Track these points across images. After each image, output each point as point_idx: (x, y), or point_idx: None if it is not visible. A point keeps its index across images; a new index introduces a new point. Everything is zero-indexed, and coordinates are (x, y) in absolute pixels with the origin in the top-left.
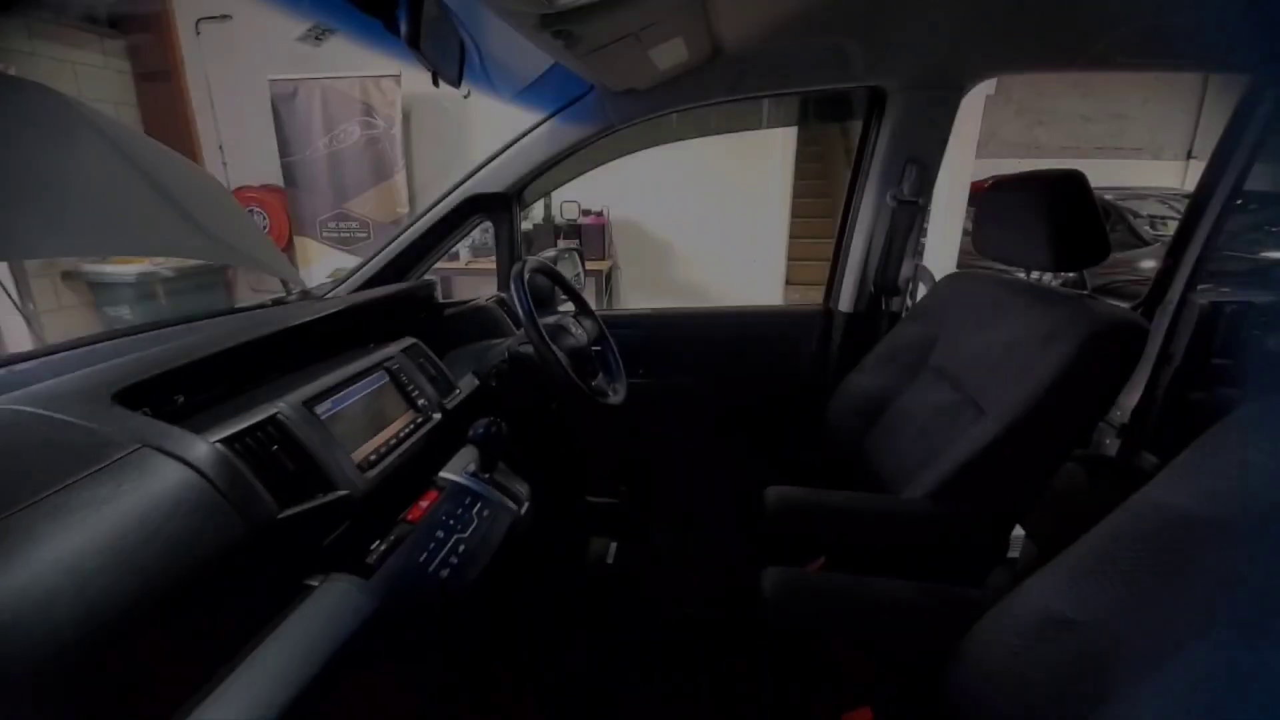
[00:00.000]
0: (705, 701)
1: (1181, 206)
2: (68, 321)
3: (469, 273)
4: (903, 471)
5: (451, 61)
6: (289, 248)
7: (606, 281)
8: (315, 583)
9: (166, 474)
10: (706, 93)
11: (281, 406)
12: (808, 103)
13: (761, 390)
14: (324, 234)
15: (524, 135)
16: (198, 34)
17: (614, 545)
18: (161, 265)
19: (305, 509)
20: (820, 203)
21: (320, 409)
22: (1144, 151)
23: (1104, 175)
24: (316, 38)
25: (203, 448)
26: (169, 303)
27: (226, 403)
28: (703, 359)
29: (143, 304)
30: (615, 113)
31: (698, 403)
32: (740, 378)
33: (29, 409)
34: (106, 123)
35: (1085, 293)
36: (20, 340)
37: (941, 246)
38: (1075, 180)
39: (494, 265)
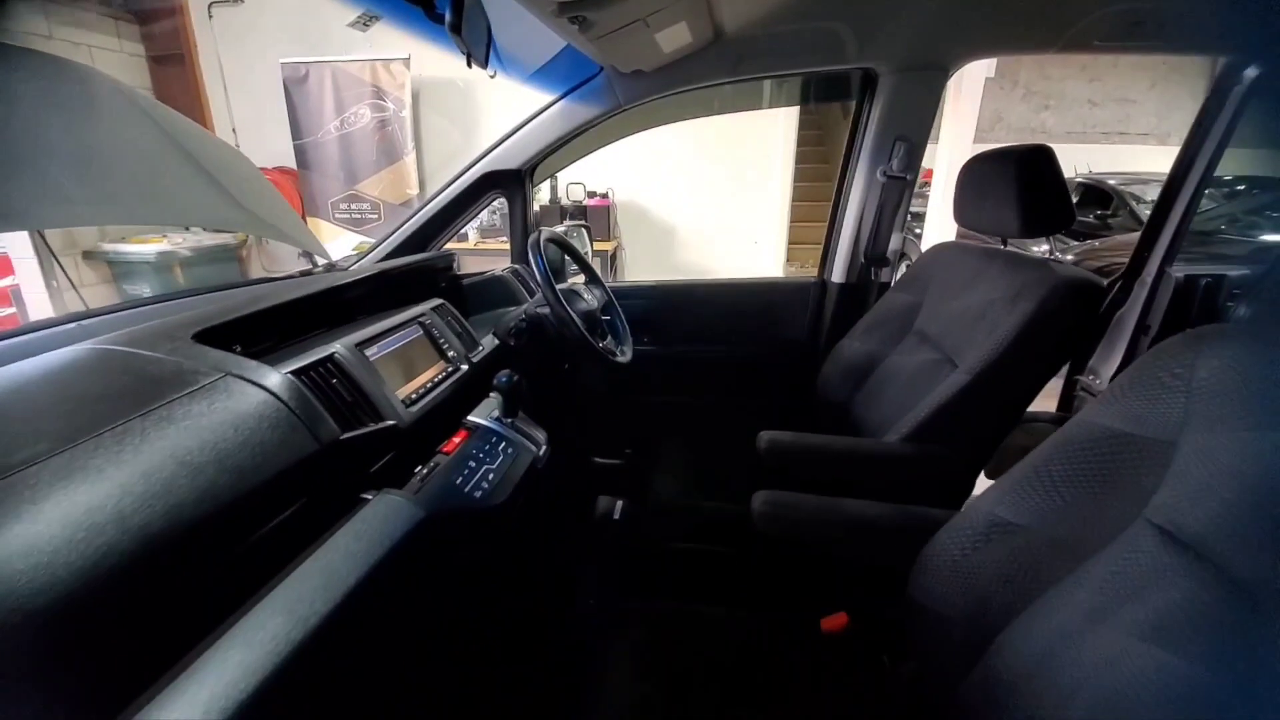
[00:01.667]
0: (701, 613)
1: None
2: (90, 299)
3: (477, 253)
4: (884, 424)
5: (481, 45)
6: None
7: (611, 262)
8: (370, 496)
9: (249, 396)
10: (708, 74)
11: (337, 347)
12: (808, 84)
13: (759, 357)
14: (336, 215)
15: (537, 115)
16: (210, 18)
17: (620, 503)
18: (180, 244)
19: (363, 433)
20: (822, 187)
21: (369, 352)
22: (1150, 137)
23: (1111, 161)
24: (364, 24)
25: (276, 377)
26: (186, 280)
27: (275, 352)
28: (704, 328)
29: (162, 281)
30: (623, 93)
31: (698, 369)
32: (739, 346)
33: (119, 348)
34: (146, 101)
35: (1052, 258)
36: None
37: (942, 223)
38: (1043, 153)
39: (501, 246)
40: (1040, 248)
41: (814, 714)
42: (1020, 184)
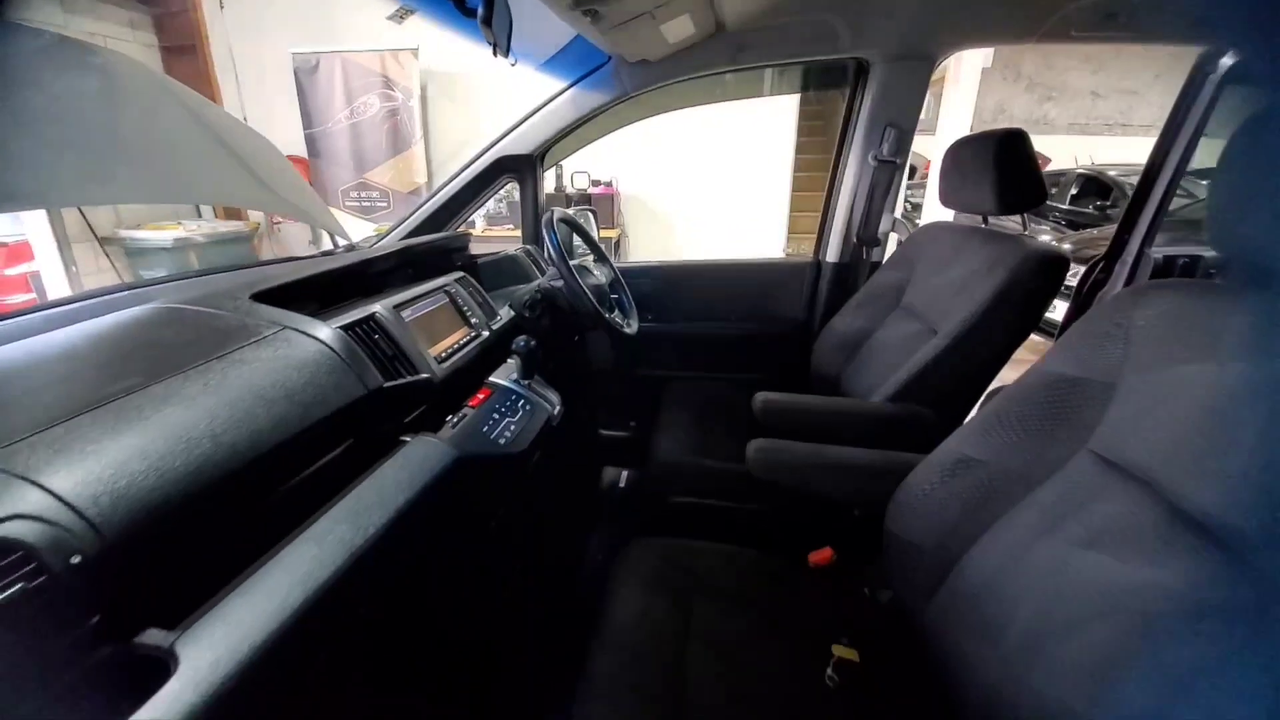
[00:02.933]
0: (701, 548)
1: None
2: (107, 284)
3: (483, 240)
4: (871, 390)
5: (505, 35)
6: None
7: (615, 249)
8: (408, 439)
9: (306, 346)
10: (710, 63)
11: (377, 308)
12: (807, 73)
13: (758, 334)
14: (346, 203)
15: (548, 102)
16: (221, 8)
17: (625, 473)
18: (194, 231)
19: (401, 383)
20: (824, 178)
21: (405, 314)
22: (1153, 129)
23: (1114, 153)
24: (401, 17)
25: (328, 331)
26: (201, 265)
27: (317, 315)
28: (706, 306)
29: (177, 267)
30: (630, 81)
31: (700, 346)
32: (739, 322)
33: (186, 306)
34: (178, 88)
35: (1024, 233)
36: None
37: (940, 214)
38: (1017, 137)
39: (507, 234)
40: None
41: (801, 637)
42: (997, 165)
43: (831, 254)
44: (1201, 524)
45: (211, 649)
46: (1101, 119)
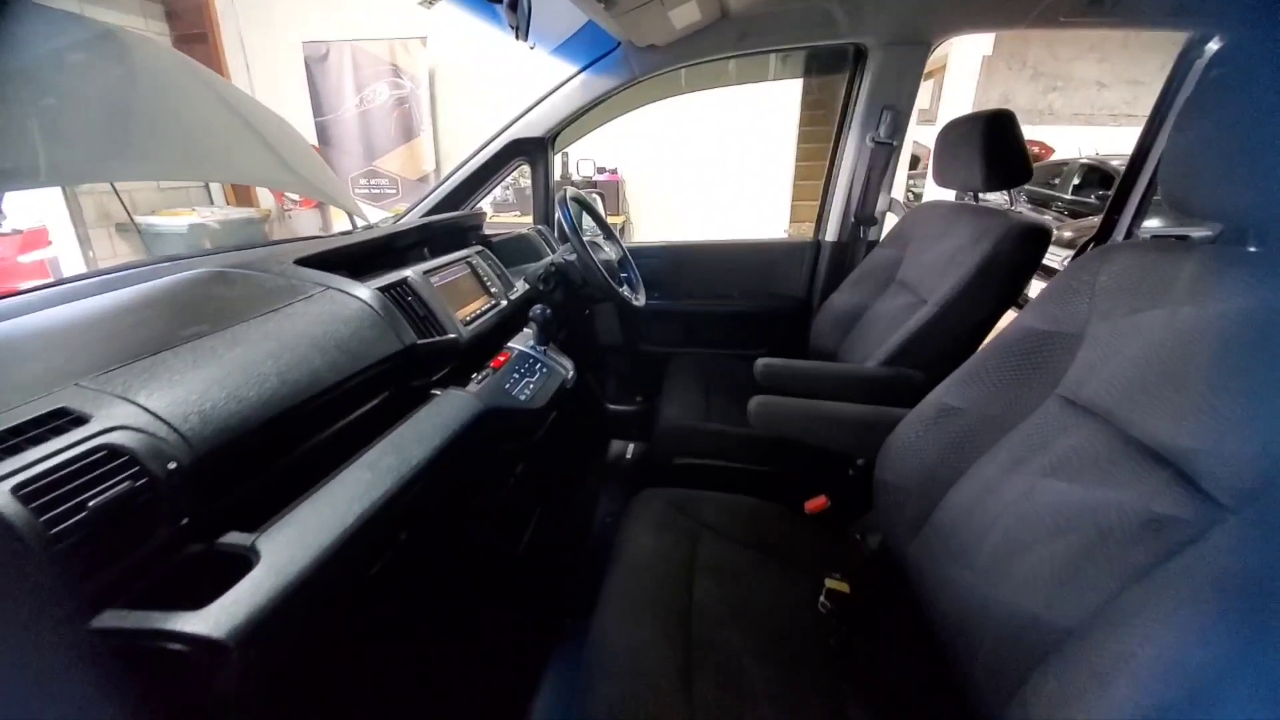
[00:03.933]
0: (704, 495)
1: None
2: None
3: (489, 226)
4: (865, 359)
5: (526, 20)
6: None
7: (620, 235)
8: (438, 392)
9: (349, 304)
10: (715, 48)
11: (409, 273)
12: (810, 58)
13: (760, 311)
14: (355, 191)
15: (559, 86)
16: None
17: (632, 445)
18: (209, 217)
19: (432, 341)
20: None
21: (433, 280)
22: None
23: (1118, 143)
24: (430, 2)
25: (367, 291)
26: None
27: None
28: (709, 284)
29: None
30: (638, 66)
31: (704, 322)
32: (741, 300)
33: (236, 270)
34: (208, 74)
35: (1010, 207)
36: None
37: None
38: (1005, 117)
39: (513, 220)
40: None
41: (797, 570)
42: (985, 144)
43: (830, 233)
44: (1150, 448)
45: (288, 547)
46: (1106, 109)
